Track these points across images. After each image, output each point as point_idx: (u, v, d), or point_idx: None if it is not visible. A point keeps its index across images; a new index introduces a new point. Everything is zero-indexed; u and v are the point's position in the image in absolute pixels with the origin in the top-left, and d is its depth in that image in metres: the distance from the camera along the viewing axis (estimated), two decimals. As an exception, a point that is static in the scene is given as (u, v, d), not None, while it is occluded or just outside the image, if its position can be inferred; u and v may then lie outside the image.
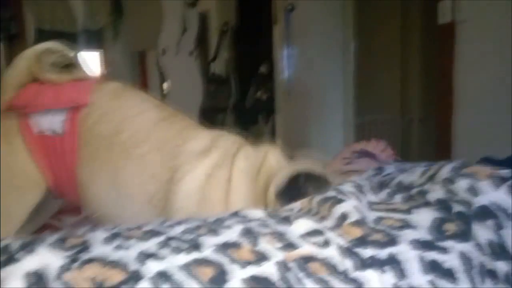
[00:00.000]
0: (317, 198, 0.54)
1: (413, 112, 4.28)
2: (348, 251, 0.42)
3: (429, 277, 0.43)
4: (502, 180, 0.50)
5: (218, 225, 0.49)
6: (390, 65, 4.27)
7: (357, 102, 3.57)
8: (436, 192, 0.51)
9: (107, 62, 4.35)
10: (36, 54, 0.94)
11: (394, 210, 0.50)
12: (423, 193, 0.53)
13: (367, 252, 0.42)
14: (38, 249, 0.39)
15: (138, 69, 4.16)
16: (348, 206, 0.48)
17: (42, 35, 3.88)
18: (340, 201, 0.50)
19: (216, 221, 0.51)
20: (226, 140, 0.85)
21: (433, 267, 0.44)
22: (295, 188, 0.69)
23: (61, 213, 1.19)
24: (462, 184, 0.50)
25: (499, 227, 0.47)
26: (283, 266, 0.40)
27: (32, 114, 0.90)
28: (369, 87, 3.97)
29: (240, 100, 4.16)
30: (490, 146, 2.30)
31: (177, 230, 0.47)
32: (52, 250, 0.39)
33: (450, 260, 0.44)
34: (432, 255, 0.44)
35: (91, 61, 3.85)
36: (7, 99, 0.93)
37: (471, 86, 2.47)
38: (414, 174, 0.58)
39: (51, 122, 0.89)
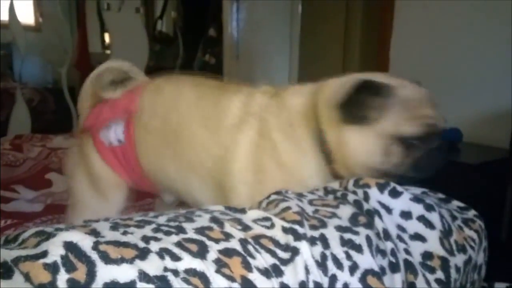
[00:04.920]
0: (265, 202, 0.78)
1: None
2: (289, 229, 0.66)
3: (345, 248, 0.69)
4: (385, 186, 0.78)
5: (191, 215, 0.71)
6: (333, 32, 4.54)
7: (301, 67, 3.82)
8: (352, 196, 0.78)
9: (40, 10, 4.26)
10: (97, 75, 1.16)
11: (327, 205, 0.76)
12: (345, 195, 0.80)
13: (302, 230, 0.67)
14: (68, 230, 0.58)
15: (75, 20, 4.13)
16: (291, 203, 0.72)
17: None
18: (284, 200, 0.74)
19: (188, 213, 0.72)
20: (257, 101, 1.02)
21: (348, 242, 0.69)
22: (357, 97, 0.85)
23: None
24: (360, 193, 0.78)
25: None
26: (244, 241, 0.63)
27: (99, 131, 1.12)
28: (313, 52, 4.24)
29: (187, 61, 4.25)
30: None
31: (162, 219, 0.68)
32: (77, 232, 0.58)
33: (360, 239, 0.70)
34: (349, 235, 0.70)
35: (23, 9, 3.74)
36: (83, 121, 1.17)
37: (405, 60, 2.82)
38: (335, 184, 0.84)
39: (115, 134, 1.12)
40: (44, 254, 0.52)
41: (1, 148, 2.06)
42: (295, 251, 0.64)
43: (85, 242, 0.56)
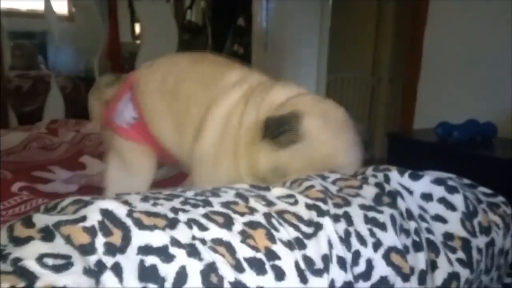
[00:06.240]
0: (288, 181, 0.81)
1: (382, 72, 4.59)
2: (312, 206, 0.69)
3: (369, 226, 0.71)
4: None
5: (217, 191, 0.74)
6: (364, 25, 4.51)
7: (331, 59, 3.81)
8: (372, 179, 0.81)
9: (73, 0, 4.39)
10: (95, 85, 1.39)
11: (351, 186, 0.78)
12: (366, 178, 0.82)
13: (325, 206, 0.69)
14: (103, 199, 0.62)
15: (106, 10, 4.25)
16: (314, 182, 0.75)
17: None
18: (307, 180, 0.77)
19: (214, 189, 0.76)
20: (254, 77, 1.16)
21: (372, 221, 0.71)
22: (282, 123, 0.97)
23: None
24: (380, 176, 0.81)
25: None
26: (268, 215, 0.66)
27: (115, 119, 1.25)
28: (343, 44, 4.21)
29: (216, 51, 4.30)
30: (449, 110, 2.65)
31: (190, 194, 0.72)
32: (112, 201, 0.63)
33: (384, 218, 0.72)
34: (373, 214, 0.72)
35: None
36: (99, 121, 1.35)
37: (438, 53, 2.79)
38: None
39: (128, 113, 1.24)
40: (83, 219, 0.56)
41: (37, 132, 2.15)
42: (318, 226, 0.66)
43: (120, 210, 0.59)
